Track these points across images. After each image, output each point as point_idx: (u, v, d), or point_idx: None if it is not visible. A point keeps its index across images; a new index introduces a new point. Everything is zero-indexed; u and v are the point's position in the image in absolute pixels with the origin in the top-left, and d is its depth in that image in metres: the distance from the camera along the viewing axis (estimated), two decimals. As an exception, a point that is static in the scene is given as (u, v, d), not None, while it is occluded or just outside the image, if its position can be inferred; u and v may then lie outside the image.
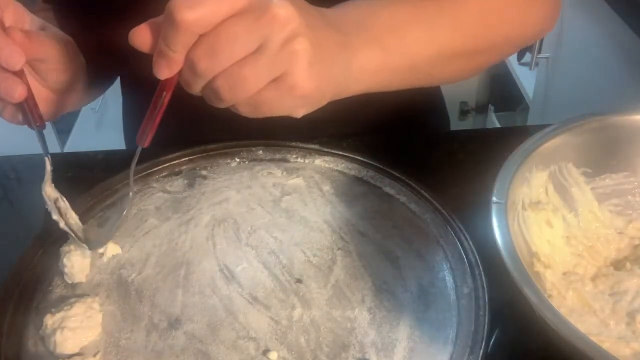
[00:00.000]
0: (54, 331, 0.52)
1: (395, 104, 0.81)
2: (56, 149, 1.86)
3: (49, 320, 0.53)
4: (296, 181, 0.68)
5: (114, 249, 0.60)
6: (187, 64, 0.43)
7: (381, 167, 0.68)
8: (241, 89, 0.43)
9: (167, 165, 0.70)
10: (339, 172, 0.69)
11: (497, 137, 0.84)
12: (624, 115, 0.58)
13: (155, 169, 0.69)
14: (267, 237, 0.62)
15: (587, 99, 1.48)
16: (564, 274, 0.55)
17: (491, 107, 2.39)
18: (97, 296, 0.56)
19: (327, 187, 0.67)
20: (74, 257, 0.57)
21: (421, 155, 0.75)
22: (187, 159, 0.71)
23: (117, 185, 0.67)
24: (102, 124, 2.12)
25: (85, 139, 2.03)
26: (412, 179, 0.65)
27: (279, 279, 0.58)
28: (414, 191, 0.65)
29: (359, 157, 0.69)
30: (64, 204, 0.56)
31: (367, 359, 0.51)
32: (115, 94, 0.88)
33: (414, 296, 0.56)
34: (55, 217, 0.55)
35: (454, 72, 0.61)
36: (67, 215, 0.56)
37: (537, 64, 1.75)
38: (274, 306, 0.55)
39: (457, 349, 0.51)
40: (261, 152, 0.71)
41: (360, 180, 0.68)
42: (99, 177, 0.67)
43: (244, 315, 0.55)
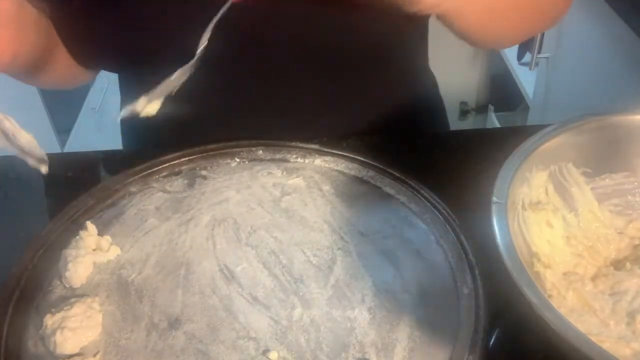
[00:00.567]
0: (54, 331, 0.52)
1: (395, 104, 0.81)
2: (56, 149, 1.86)
3: (49, 320, 0.53)
4: (296, 181, 0.68)
5: (114, 250, 0.60)
6: None
7: (381, 167, 0.68)
8: None
9: (167, 165, 0.70)
10: (339, 172, 0.69)
11: (497, 137, 0.84)
12: (624, 115, 0.58)
13: (155, 169, 0.69)
14: (267, 237, 0.62)
15: (587, 99, 1.48)
16: (564, 274, 0.55)
17: (491, 107, 2.39)
18: (97, 296, 0.57)
19: (327, 187, 0.67)
20: (77, 263, 0.57)
21: (421, 155, 0.75)
22: (187, 159, 0.71)
23: (117, 185, 0.67)
24: (102, 124, 2.12)
25: (85, 139, 2.03)
26: (412, 179, 0.65)
27: (279, 279, 0.58)
28: (414, 191, 0.65)
29: (359, 157, 0.69)
30: (10, 123, 0.52)
31: (367, 359, 0.51)
32: (115, 94, 0.88)
33: (414, 296, 0.56)
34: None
35: (508, 29, 0.69)
36: (15, 136, 0.53)
37: (537, 64, 1.75)
38: (274, 306, 0.55)
39: (457, 349, 0.51)
40: (261, 152, 0.71)
41: (360, 180, 0.68)
42: (99, 177, 0.67)
43: (244, 315, 0.55)
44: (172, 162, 0.70)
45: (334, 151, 0.70)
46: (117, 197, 0.66)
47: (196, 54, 0.57)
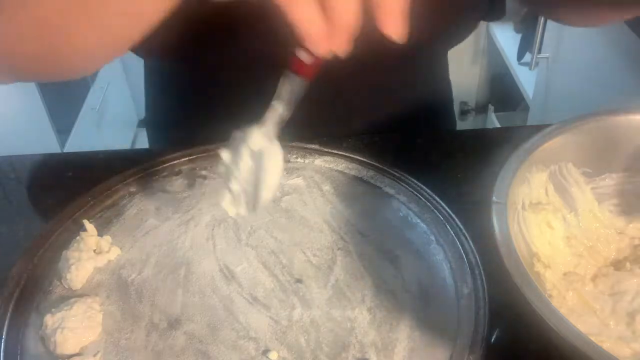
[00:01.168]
0: (54, 331, 0.52)
1: (403, 105, 0.81)
2: (56, 149, 1.86)
3: (49, 320, 0.53)
4: (296, 181, 0.68)
5: (115, 250, 0.60)
6: None
7: (381, 167, 0.68)
8: None
9: (167, 165, 0.70)
10: (339, 172, 0.69)
11: (497, 137, 0.84)
12: (624, 115, 0.58)
13: (155, 169, 0.69)
14: (267, 237, 0.62)
15: (587, 99, 1.48)
16: (564, 274, 0.55)
17: (491, 107, 2.39)
18: (97, 296, 0.56)
19: (327, 187, 0.67)
20: (77, 267, 0.57)
21: (421, 155, 0.75)
22: (187, 159, 0.71)
23: (117, 185, 0.67)
24: (102, 124, 2.12)
25: (85, 139, 2.03)
26: (412, 179, 0.65)
27: (279, 279, 0.58)
28: (414, 191, 0.65)
29: (359, 157, 0.69)
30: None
31: (367, 359, 0.51)
32: (115, 94, 0.88)
33: (414, 296, 0.56)
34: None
35: None
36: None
37: (537, 64, 1.75)
38: (274, 306, 0.55)
39: (457, 349, 0.51)
40: (261, 152, 0.71)
41: (360, 180, 0.68)
42: (99, 177, 0.67)
43: (244, 315, 0.55)
44: (172, 162, 0.70)
45: (334, 151, 0.70)
46: (117, 197, 0.66)
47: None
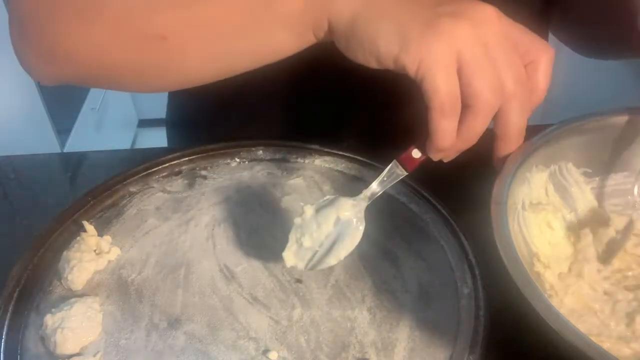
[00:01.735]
0: (54, 331, 0.52)
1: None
2: (56, 149, 1.86)
3: (49, 320, 0.53)
4: (296, 181, 0.68)
5: (115, 251, 0.60)
6: None
7: (381, 167, 0.67)
8: None
9: (167, 165, 0.70)
10: (339, 172, 0.69)
11: (497, 137, 0.84)
12: (624, 115, 0.58)
13: (155, 169, 0.69)
14: (267, 237, 0.62)
15: (587, 99, 1.48)
16: (564, 274, 0.55)
17: (491, 107, 2.38)
18: (97, 296, 0.56)
19: (327, 187, 0.67)
20: (78, 268, 0.57)
21: (421, 155, 0.74)
22: (187, 159, 0.71)
23: (117, 185, 0.67)
24: (102, 124, 2.12)
25: (85, 139, 2.03)
26: (412, 179, 0.65)
27: (279, 279, 0.58)
28: (414, 191, 0.65)
29: (359, 157, 0.69)
30: None
31: (367, 359, 0.51)
32: (115, 94, 0.88)
33: (414, 296, 0.56)
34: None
35: None
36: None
37: (537, 64, 1.75)
38: (274, 306, 0.55)
39: (457, 349, 0.51)
40: (261, 152, 0.71)
41: (360, 180, 0.68)
42: (99, 177, 0.67)
43: (244, 315, 0.55)
44: (172, 162, 0.70)
45: (334, 151, 0.70)
46: (117, 197, 0.66)
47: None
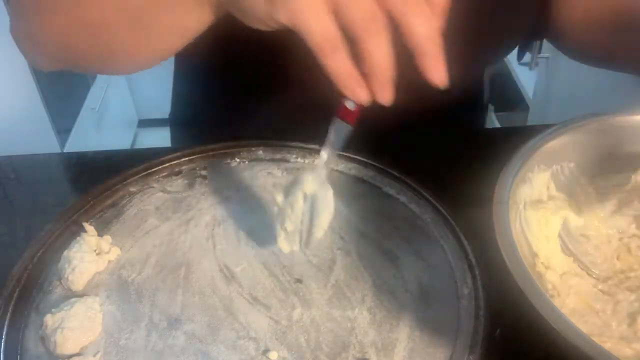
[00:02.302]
0: (54, 331, 0.52)
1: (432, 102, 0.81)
2: (56, 149, 1.86)
3: (49, 320, 0.53)
4: (296, 181, 0.68)
5: (115, 251, 0.60)
6: None
7: (381, 167, 0.68)
8: None
9: (167, 165, 0.70)
10: (339, 172, 0.69)
11: (497, 137, 0.84)
12: (625, 115, 0.58)
13: (155, 169, 0.69)
14: (267, 237, 0.62)
15: (587, 98, 1.48)
16: (566, 274, 0.55)
17: (491, 107, 2.39)
18: (97, 296, 0.56)
19: (327, 187, 0.67)
20: (78, 269, 0.57)
21: (421, 155, 0.75)
22: (187, 159, 0.71)
23: (117, 185, 0.67)
24: (102, 124, 2.12)
25: (85, 139, 2.03)
26: (412, 179, 0.65)
27: (279, 279, 0.58)
28: (414, 191, 0.65)
29: (359, 157, 0.69)
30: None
31: (367, 359, 0.51)
32: (115, 94, 0.88)
33: (414, 296, 0.56)
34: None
35: None
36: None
37: (537, 64, 1.75)
38: (274, 306, 0.55)
39: (457, 349, 0.51)
40: (261, 152, 0.71)
41: (360, 180, 0.68)
42: (99, 177, 0.67)
43: (244, 315, 0.55)
44: (172, 162, 0.70)
45: (334, 151, 0.70)
46: (117, 197, 0.66)
47: None
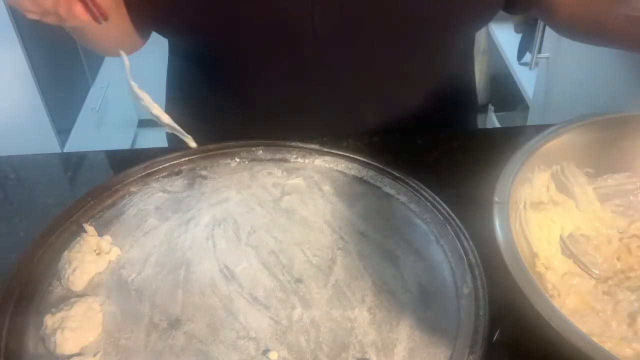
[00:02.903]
0: (54, 331, 0.52)
1: (423, 100, 0.81)
2: (56, 149, 1.85)
3: (49, 320, 0.53)
4: (296, 181, 0.68)
5: (115, 251, 0.60)
6: None
7: (381, 167, 0.67)
8: None
9: (167, 165, 0.70)
10: (339, 172, 0.69)
11: (497, 137, 0.84)
12: (625, 115, 0.58)
13: (155, 169, 0.69)
14: (267, 237, 0.62)
15: (587, 98, 1.48)
16: (566, 274, 0.55)
17: (491, 107, 2.39)
18: (97, 296, 0.56)
19: (327, 187, 0.67)
20: (78, 269, 0.57)
21: (421, 155, 0.75)
22: (187, 159, 0.71)
23: (117, 185, 0.67)
24: (102, 124, 2.12)
25: (85, 139, 2.02)
26: (412, 179, 0.65)
27: (279, 279, 0.58)
28: (414, 191, 0.65)
29: (359, 157, 0.69)
30: (148, 98, 0.60)
31: (367, 359, 0.51)
32: (115, 94, 0.88)
33: (414, 296, 0.56)
34: (155, 112, 0.60)
35: None
36: (159, 117, 0.62)
37: (537, 64, 1.75)
38: (274, 306, 0.55)
39: (457, 349, 0.51)
40: (261, 152, 0.71)
41: (360, 180, 0.68)
42: (99, 177, 0.67)
43: (244, 315, 0.55)
44: (172, 162, 0.70)
45: (334, 151, 0.70)
46: (117, 197, 0.66)
47: None
